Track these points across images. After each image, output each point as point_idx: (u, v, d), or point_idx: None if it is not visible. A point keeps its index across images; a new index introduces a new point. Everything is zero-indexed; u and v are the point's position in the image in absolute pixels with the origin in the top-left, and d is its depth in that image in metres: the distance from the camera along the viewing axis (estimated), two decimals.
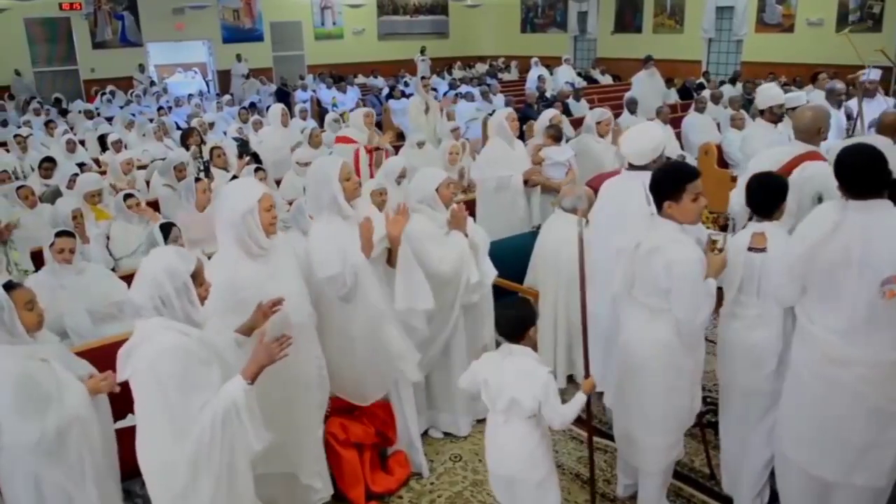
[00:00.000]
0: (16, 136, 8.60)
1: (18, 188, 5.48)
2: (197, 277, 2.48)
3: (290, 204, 5.26)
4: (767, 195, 3.10)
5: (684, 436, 3.24)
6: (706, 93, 10.37)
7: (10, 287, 2.61)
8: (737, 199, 4.17)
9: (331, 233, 3.32)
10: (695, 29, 16.26)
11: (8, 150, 8.33)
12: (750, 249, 3.07)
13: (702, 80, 13.60)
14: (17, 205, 5.35)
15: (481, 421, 4.19)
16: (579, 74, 15.84)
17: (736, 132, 7.46)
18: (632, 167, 3.70)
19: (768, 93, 5.30)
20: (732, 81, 12.57)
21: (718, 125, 9.05)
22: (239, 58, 17.42)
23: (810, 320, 2.77)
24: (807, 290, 2.78)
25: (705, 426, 3.66)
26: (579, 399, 2.82)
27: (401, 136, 10.50)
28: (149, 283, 2.41)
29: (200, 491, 2.44)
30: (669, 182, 2.91)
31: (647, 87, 11.33)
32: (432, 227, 3.78)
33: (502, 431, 2.80)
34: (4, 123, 11.21)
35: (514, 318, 2.80)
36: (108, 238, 5.06)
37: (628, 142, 3.73)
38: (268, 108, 9.79)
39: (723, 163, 7.43)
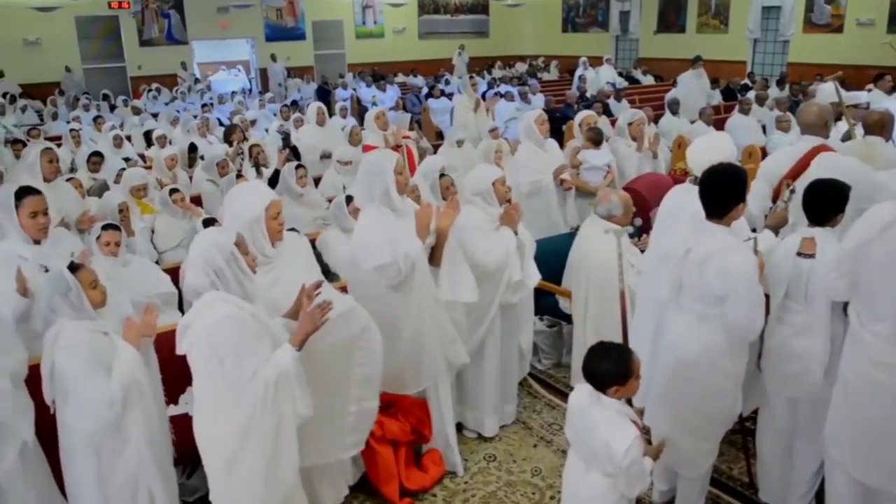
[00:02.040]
0: (71, 130, 8.85)
1: (68, 180, 5.62)
2: (240, 247, 2.62)
3: (330, 202, 5.31)
4: (824, 203, 3.03)
5: (723, 443, 3.20)
6: (751, 94, 10.17)
7: (74, 268, 2.76)
8: (753, 200, 4.06)
9: (380, 223, 3.34)
10: (740, 29, 15.96)
11: (59, 145, 8.56)
12: (799, 255, 3.01)
13: (746, 81, 13.35)
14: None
15: (514, 422, 4.21)
16: (620, 74, 15.68)
17: (782, 134, 7.32)
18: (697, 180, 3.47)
19: (825, 92, 5.22)
20: (779, 83, 12.32)
21: (763, 127, 8.87)
22: (274, 58, 17.49)
23: (860, 323, 2.71)
24: (858, 288, 2.72)
25: (746, 434, 3.60)
26: (647, 463, 2.59)
27: (440, 136, 10.53)
28: (201, 261, 2.55)
29: (249, 457, 2.53)
30: (740, 184, 2.88)
31: (693, 88, 11.17)
32: (483, 219, 3.81)
33: (584, 479, 2.57)
34: (55, 117, 11.52)
35: (599, 371, 2.52)
36: (152, 231, 5.17)
37: (697, 152, 3.55)
38: (309, 105, 9.88)
39: None
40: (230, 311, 2.50)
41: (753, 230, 3.74)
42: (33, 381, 2.80)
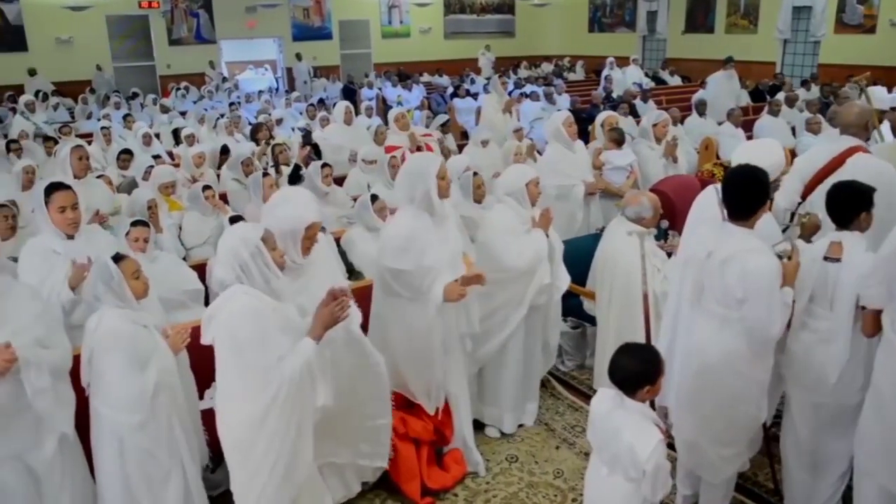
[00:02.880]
0: (102, 128, 8.99)
1: (98, 177, 5.72)
2: (268, 242, 2.65)
3: (355, 200, 5.33)
4: (845, 204, 2.98)
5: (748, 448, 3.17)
6: (780, 95, 10.04)
7: (118, 259, 2.83)
8: (781, 196, 4.00)
9: (415, 227, 3.32)
10: (769, 29, 15.74)
11: (90, 142, 8.70)
12: (826, 259, 2.97)
13: (775, 82, 13.17)
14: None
15: (537, 423, 4.20)
16: (647, 75, 15.56)
17: (812, 136, 7.22)
18: None
19: (877, 95, 5.13)
20: (808, 84, 12.14)
21: (793, 129, 8.75)
22: (299, 57, 17.58)
23: (893, 329, 2.67)
24: (894, 296, 2.67)
25: (771, 439, 3.56)
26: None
27: (464, 135, 10.53)
28: (228, 255, 2.60)
29: (267, 445, 2.57)
30: (764, 186, 2.85)
31: (724, 89, 11.05)
32: (515, 221, 3.81)
33: (606, 483, 2.54)
34: (89, 116, 11.71)
35: (631, 372, 2.49)
36: (180, 228, 5.23)
37: (744, 156, 3.36)
38: (335, 104, 9.93)
39: None
40: (253, 303, 2.54)
41: (785, 229, 3.70)
42: (74, 371, 2.84)
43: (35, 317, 2.72)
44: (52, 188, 3.48)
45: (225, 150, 7.70)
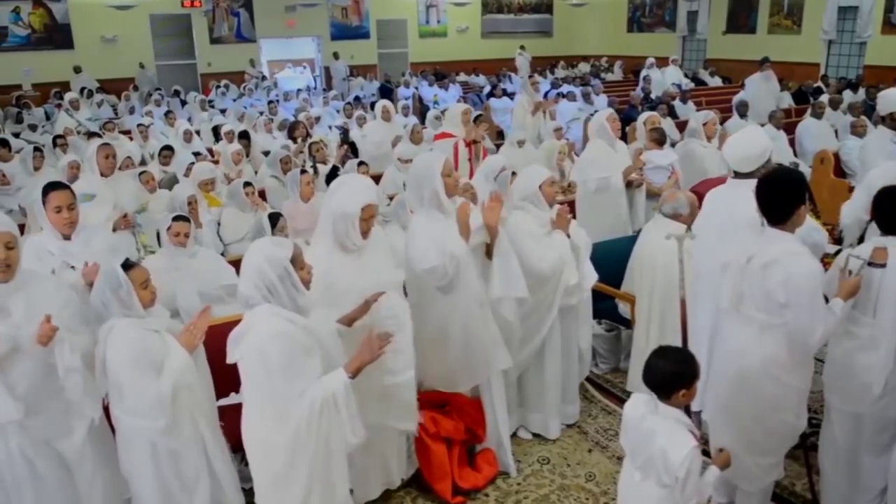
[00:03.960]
0: (138, 125, 9.17)
1: (140, 173, 5.84)
2: (296, 262, 2.60)
3: (391, 199, 5.36)
4: (892, 209, 2.91)
5: (786, 458, 3.11)
6: (824, 97, 9.82)
7: (127, 267, 2.80)
8: (849, 210, 3.95)
9: (430, 227, 3.36)
10: (814, 30, 15.41)
11: (131, 139, 8.88)
12: (870, 264, 2.90)
13: (819, 83, 12.89)
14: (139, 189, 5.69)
15: (570, 426, 4.18)
16: (686, 76, 15.35)
17: (856, 139, 7.05)
18: (737, 175, 3.49)
19: (890, 97, 4.97)
20: (854, 86, 11.86)
21: (836, 132, 8.56)
22: (336, 56, 17.74)
23: None
24: None
25: (809, 449, 3.49)
26: (713, 473, 2.56)
27: (500, 135, 10.50)
28: (253, 274, 2.55)
29: (298, 474, 2.56)
30: (797, 186, 2.81)
31: (762, 91, 10.85)
32: (534, 224, 3.78)
33: (639, 488, 2.51)
34: (132, 111, 11.97)
35: (668, 375, 2.45)
36: (218, 224, 5.32)
37: (732, 147, 3.51)
38: (372, 104, 9.99)
39: (840, 172, 7.04)
40: (282, 327, 2.51)
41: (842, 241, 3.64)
42: None
43: (61, 306, 2.74)
44: (49, 188, 3.46)
45: (244, 136, 7.84)
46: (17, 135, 10.15)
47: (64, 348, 2.65)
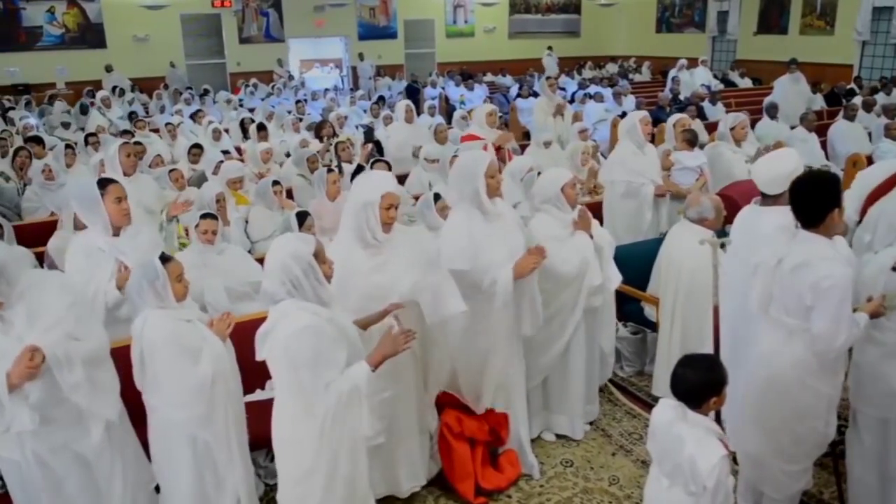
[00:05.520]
0: (167, 124, 9.28)
1: (170, 171, 5.91)
2: (319, 256, 2.63)
3: (416, 199, 5.36)
4: None
5: (814, 465, 3.07)
6: (857, 99, 9.64)
7: (165, 260, 2.86)
8: (852, 207, 3.86)
9: (468, 226, 3.36)
10: (847, 30, 15.13)
11: (161, 137, 9.01)
12: (894, 269, 2.86)
13: (852, 85, 12.67)
14: (167, 186, 5.77)
15: (594, 429, 4.15)
16: (715, 77, 15.18)
17: (891, 143, 6.92)
18: (765, 198, 3.26)
19: None
20: (888, 88, 11.63)
21: (870, 134, 8.40)
22: (361, 56, 17.84)
23: None
24: None
25: (838, 456, 3.43)
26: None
27: (527, 136, 10.47)
28: (278, 270, 2.58)
29: (323, 466, 2.59)
30: (832, 188, 2.76)
31: (790, 93, 10.69)
32: (557, 227, 3.76)
33: (666, 495, 2.49)
34: (162, 110, 12.14)
35: (697, 384, 2.42)
36: (246, 222, 5.37)
37: (762, 169, 3.33)
38: (395, 103, 10.00)
39: None
40: (308, 320, 2.53)
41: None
42: (122, 362, 2.87)
43: (66, 309, 2.72)
44: (105, 182, 3.52)
45: (262, 128, 8.07)
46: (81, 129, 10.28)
47: (62, 370, 2.60)
